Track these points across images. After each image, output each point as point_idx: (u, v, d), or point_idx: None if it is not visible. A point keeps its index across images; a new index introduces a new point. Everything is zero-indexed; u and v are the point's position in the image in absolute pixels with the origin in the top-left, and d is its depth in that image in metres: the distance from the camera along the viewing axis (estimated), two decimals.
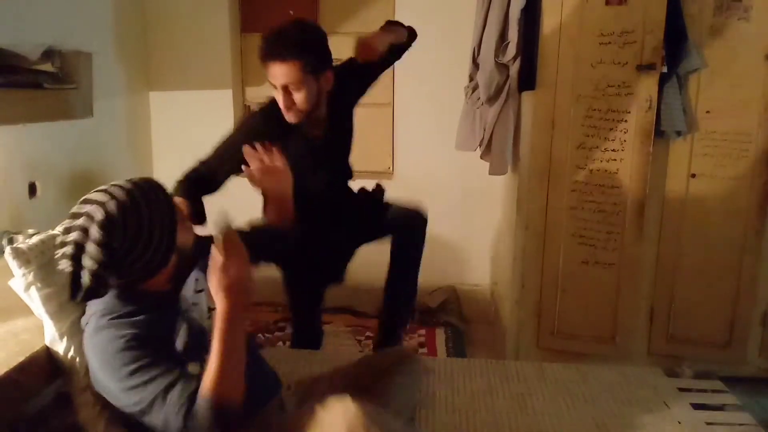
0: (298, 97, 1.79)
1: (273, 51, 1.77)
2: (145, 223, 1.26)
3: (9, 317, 1.58)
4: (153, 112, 3.61)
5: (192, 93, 3.55)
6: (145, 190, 1.30)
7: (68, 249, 1.23)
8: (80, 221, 1.23)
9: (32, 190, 2.49)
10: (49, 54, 2.14)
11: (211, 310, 1.38)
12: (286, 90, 1.78)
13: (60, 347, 1.42)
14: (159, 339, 1.28)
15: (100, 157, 3.00)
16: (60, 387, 1.47)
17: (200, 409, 1.17)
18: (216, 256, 1.24)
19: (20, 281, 1.42)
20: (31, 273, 1.42)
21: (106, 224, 1.21)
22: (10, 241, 2.01)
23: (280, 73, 1.76)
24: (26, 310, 1.52)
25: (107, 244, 1.21)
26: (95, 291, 1.25)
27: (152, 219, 1.28)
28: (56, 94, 2.17)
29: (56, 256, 1.27)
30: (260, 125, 1.92)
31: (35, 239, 1.49)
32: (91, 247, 1.21)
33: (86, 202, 1.26)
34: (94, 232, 1.21)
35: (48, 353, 1.43)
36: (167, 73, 3.55)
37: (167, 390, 1.20)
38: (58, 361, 1.43)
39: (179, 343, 1.31)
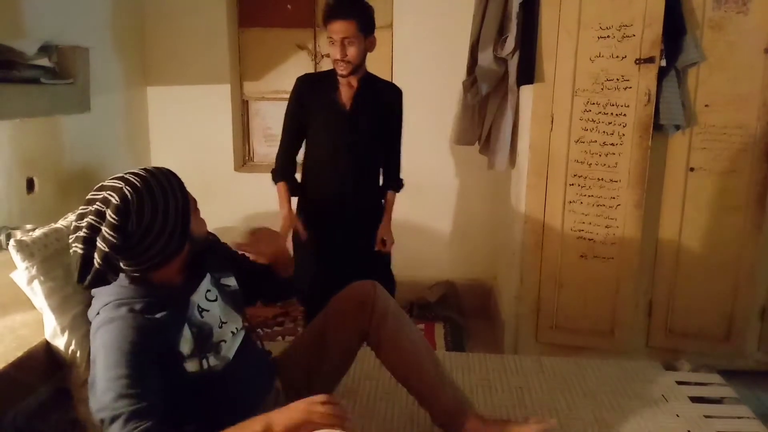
0: (351, 50, 2.22)
1: (337, 11, 2.21)
2: (160, 208, 1.28)
3: (7, 312, 1.57)
4: (151, 107, 3.60)
5: (190, 88, 3.54)
6: (160, 178, 1.32)
7: (82, 232, 1.24)
8: (95, 206, 1.25)
9: (30, 185, 2.48)
10: (46, 49, 2.13)
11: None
12: (342, 44, 2.21)
13: (61, 341, 1.42)
14: (161, 344, 1.28)
15: (97, 153, 2.99)
16: (59, 382, 1.47)
17: None
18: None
19: (23, 274, 1.42)
20: (35, 266, 1.41)
21: (121, 208, 1.23)
22: (9, 237, 2.01)
23: (340, 29, 2.20)
24: (24, 305, 1.52)
25: (122, 228, 1.23)
26: (104, 275, 1.25)
27: (166, 205, 1.30)
28: (53, 89, 2.16)
29: (69, 240, 1.27)
30: (303, 89, 2.40)
31: (38, 232, 1.49)
32: (105, 231, 1.22)
33: (102, 188, 1.28)
34: (109, 216, 1.23)
35: (47, 348, 1.43)
36: (165, 68, 3.54)
37: (126, 413, 1.15)
38: (57, 356, 1.42)
39: (185, 347, 1.32)
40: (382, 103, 2.41)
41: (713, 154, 2.53)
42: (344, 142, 2.38)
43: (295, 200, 2.53)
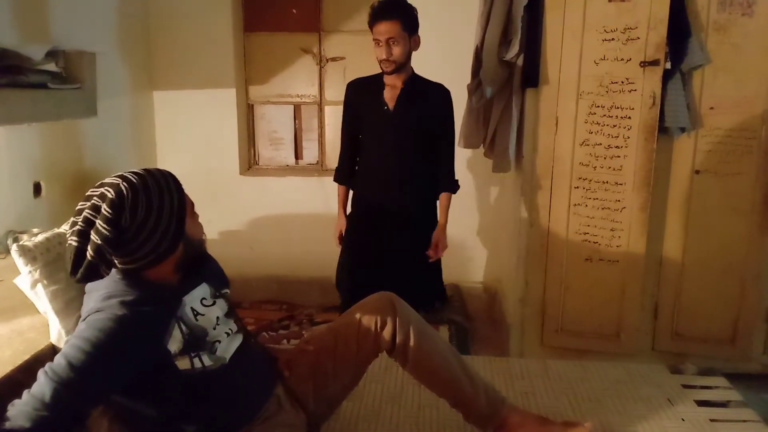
0: (396, 50, 2.32)
1: (381, 13, 2.30)
2: (154, 206, 1.30)
3: (14, 316, 1.59)
4: (157, 112, 3.62)
5: (195, 92, 3.56)
6: (157, 177, 1.34)
7: (78, 225, 1.25)
8: (92, 201, 1.27)
9: (37, 189, 2.50)
10: (53, 54, 2.15)
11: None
12: (387, 44, 2.31)
13: None
14: (145, 338, 1.28)
15: (104, 157, 3.01)
16: None
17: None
18: None
19: (26, 279, 1.43)
20: (38, 270, 1.43)
21: (116, 202, 1.25)
22: (16, 240, 2.03)
23: (385, 29, 2.30)
24: (31, 309, 1.53)
25: (115, 222, 1.24)
26: (96, 268, 1.26)
27: (161, 203, 1.31)
28: (60, 93, 2.18)
29: (67, 234, 1.28)
30: (351, 93, 2.52)
31: (41, 237, 1.50)
32: (99, 224, 1.24)
33: (101, 185, 1.30)
34: (104, 209, 1.24)
35: (53, 352, 1.44)
36: (171, 73, 3.56)
37: (66, 385, 1.14)
38: None
39: (174, 345, 1.31)
40: (426, 102, 2.43)
41: (719, 156, 2.53)
42: (389, 143, 2.44)
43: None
